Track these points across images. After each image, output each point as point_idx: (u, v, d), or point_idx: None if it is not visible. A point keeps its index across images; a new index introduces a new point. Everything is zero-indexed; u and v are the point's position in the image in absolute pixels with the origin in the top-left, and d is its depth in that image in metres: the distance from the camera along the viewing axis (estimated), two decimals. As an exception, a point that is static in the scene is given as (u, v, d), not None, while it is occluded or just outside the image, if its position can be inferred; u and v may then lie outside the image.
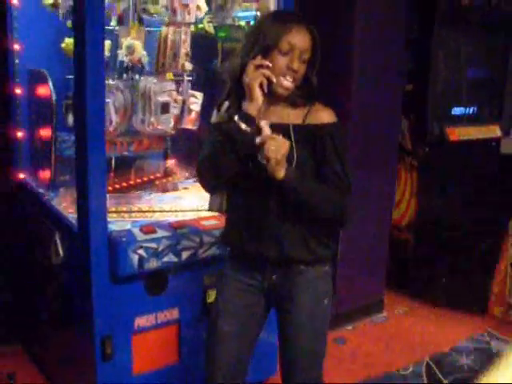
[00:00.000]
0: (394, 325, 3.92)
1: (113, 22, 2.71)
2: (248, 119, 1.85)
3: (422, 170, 4.17)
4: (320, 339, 2.09)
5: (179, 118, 2.90)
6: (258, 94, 1.85)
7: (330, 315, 2.13)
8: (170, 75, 2.81)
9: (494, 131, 4.50)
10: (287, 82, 1.89)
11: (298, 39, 1.87)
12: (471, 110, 4.44)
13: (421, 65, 4.03)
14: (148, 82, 2.71)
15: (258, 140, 1.83)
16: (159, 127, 2.75)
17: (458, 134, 4.17)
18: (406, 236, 4.30)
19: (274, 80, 1.86)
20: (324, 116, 1.96)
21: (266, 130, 1.83)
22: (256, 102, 1.85)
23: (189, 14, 2.75)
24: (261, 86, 1.85)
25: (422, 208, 4.23)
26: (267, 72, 1.84)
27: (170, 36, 2.76)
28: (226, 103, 2.00)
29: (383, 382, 3.19)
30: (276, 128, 1.88)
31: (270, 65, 1.85)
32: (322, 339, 2.10)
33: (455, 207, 4.28)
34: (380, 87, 3.57)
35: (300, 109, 1.97)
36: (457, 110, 4.33)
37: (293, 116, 1.96)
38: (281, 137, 1.82)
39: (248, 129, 1.84)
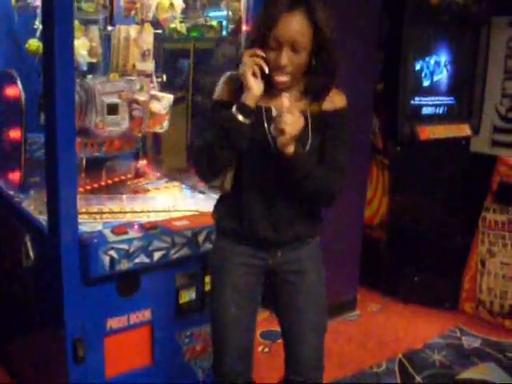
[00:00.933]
0: (367, 322, 3.95)
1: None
2: (245, 110, 1.85)
3: (394, 168, 4.21)
4: (326, 306, 2.18)
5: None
6: (252, 83, 1.84)
7: None
8: (115, 75, 2.72)
9: (464, 130, 4.57)
10: (280, 78, 1.87)
11: (285, 32, 1.82)
12: (441, 109, 4.50)
13: (391, 64, 4.06)
14: (94, 83, 2.66)
15: (274, 111, 1.85)
16: (108, 128, 2.69)
17: (428, 132, 4.22)
18: (379, 234, 4.34)
19: (267, 70, 1.84)
20: (337, 101, 2.00)
21: (286, 103, 1.80)
22: (251, 92, 1.84)
23: (147, 12, 2.71)
24: (255, 75, 1.84)
25: (393, 206, 4.27)
26: (257, 60, 1.83)
27: (122, 35, 2.72)
28: (228, 73, 2.02)
29: (357, 379, 3.21)
30: None
31: (264, 54, 1.84)
32: (326, 306, 2.18)
33: (426, 205, 4.34)
34: (351, 86, 3.56)
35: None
36: (427, 109, 4.39)
37: (309, 102, 1.97)
38: (298, 112, 1.82)
39: (246, 120, 1.85)
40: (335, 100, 2.00)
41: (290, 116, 1.78)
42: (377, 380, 3.22)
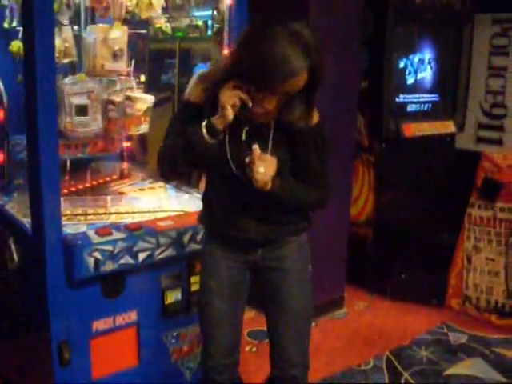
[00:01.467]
0: (354, 320, 3.96)
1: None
2: (213, 132, 1.84)
3: (379, 166, 4.22)
4: (309, 304, 2.18)
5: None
6: (229, 114, 1.81)
7: None
8: (81, 76, 2.67)
9: (449, 127, 4.60)
10: (259, 111, 1.84)
11: (287, 90, 1.77)
12: (426, 107, 4.52)
13: (375, 62, 4.07)
14: (63, 83, 2.62)
15: (247, 159, 1.84)
16: (78, 130, 2.64)
17: (413, 129, 4.24)
18: (365, 232, 4.35)
19: (250, 105, 1.81)
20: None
21: (257, 152, 1.83)
22: (224, 119, 1.82)
23: (120, 11, 2.64)
24: (234, 106, 1.81)
25: (379, 203, 4.28)
26: (244, 96, 1.79)
27: (92, 35, 2.67)
28: (200, 72, 2.00)
29: (345, 376, 3.22)
30: (261, 128, 1.92)
31: (251, 89, 1.79)
32: (310, 304, 2.19)
33: (412, 202, 4.35)
34: (336, 84, 3.59)
35: None
36: (412, 107, 4.40)
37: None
38: (270, 157, 1.84)
39: (212, 141, 1.85)
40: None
41: (262, 166, 1.81)
42: (365, 377, 3.23)
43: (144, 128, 2.86)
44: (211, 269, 2.14)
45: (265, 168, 1.81)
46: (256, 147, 1.84)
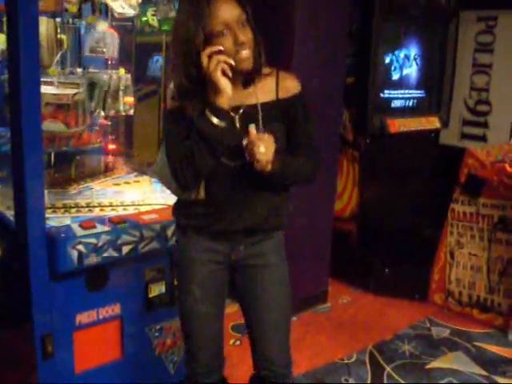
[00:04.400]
0: (338, 314, 3.98)
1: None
2: (220, 113, 1.81)
3: (364, 161, 4.25)
4: (289, 300, 2.15)
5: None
6: (224, 84, 1.78)
7: None
8: None
9: (434, 123, 4.62)
10: (245, 52, 1.82)
11: (229, 13, 1.78)
12: (411, 102, 4.54)
13: (361, 57, 4.09)
14: None
15: (244, 142, 1.83)
16: None
17: (398, 125, 4.26)
18: (349, 227, 4.37)
19: (233, 62, 1.78)
20: (291, 86, 1.98)
21: (253, 132, 1.82)
22: (225, 94, 1.79)
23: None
24: (224, 73, 1.78)
25: (364, 198, 4.30)
26: (223, 57, 1.77)
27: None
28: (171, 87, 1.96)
29: (328, 370, 3.24)
30: (249, 111, 1.91)
31: (222, 48, 1.78)
32: (290, 301, 2.16)
33: (396, 197, 4.38)
34: (321, 79, 3.60)
35: (266, 81, 1.95)
36: (397, 102, 4.42)
37: (263, 94, 1.93)
38: (267, 135, 1.82)
39: (221, 123, 1.81)
40: (289, 86, 1.97)
41: (262, 146, 1.79)
42: (347, 371, 3.25)
43: (57, 127, 2.73)
44: (193, 275, 2.08)
45: (265, 148, 1.79)
46: (252, 127, 1.83)
